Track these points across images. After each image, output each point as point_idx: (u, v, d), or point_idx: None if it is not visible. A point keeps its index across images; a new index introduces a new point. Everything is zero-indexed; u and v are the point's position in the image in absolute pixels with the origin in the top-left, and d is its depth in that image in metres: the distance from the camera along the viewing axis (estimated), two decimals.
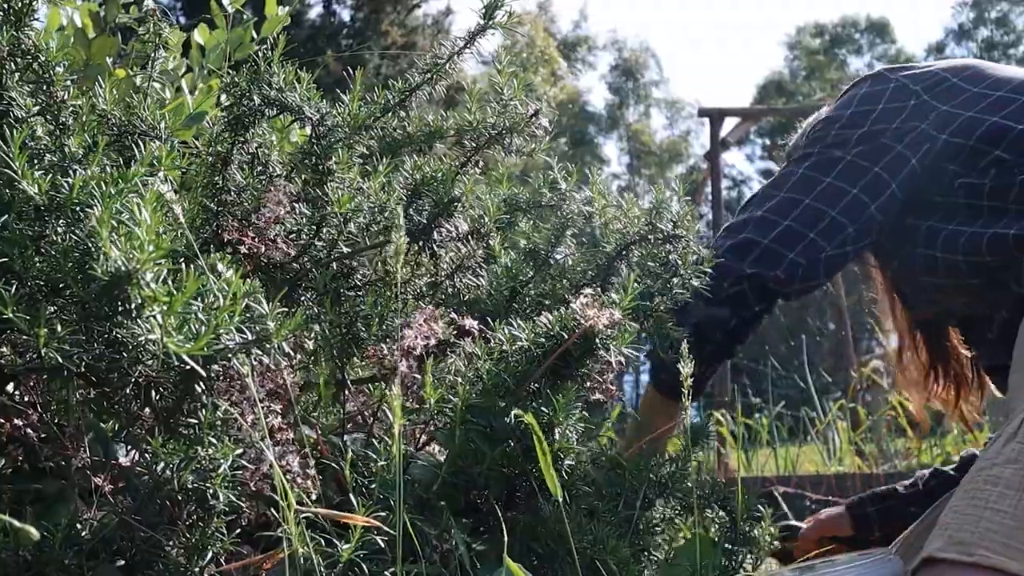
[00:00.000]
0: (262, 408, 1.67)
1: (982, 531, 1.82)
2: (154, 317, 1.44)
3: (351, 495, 1.73)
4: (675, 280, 2.19)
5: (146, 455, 1.71)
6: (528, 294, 2.27)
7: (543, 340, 1.91)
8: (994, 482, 1.88)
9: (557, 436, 1.86)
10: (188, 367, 1.56)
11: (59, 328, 1.59)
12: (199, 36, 2.90)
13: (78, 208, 1.60)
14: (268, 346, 1.64)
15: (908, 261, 2.51)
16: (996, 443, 1.96)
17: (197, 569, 1.62)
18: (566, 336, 1.89)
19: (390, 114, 2.28)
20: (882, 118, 2.55)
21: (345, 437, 2.10)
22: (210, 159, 2.14)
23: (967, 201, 2.38)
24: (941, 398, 2.98)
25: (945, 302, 2.52)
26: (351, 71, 2.22)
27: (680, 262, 2.21)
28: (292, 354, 1.87)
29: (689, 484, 2.12)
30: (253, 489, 1.68)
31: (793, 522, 3.09)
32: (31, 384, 1.86)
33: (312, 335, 2.09)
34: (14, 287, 1.56)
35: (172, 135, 2.06)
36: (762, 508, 2.34)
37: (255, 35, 2.95)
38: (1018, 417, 1.96)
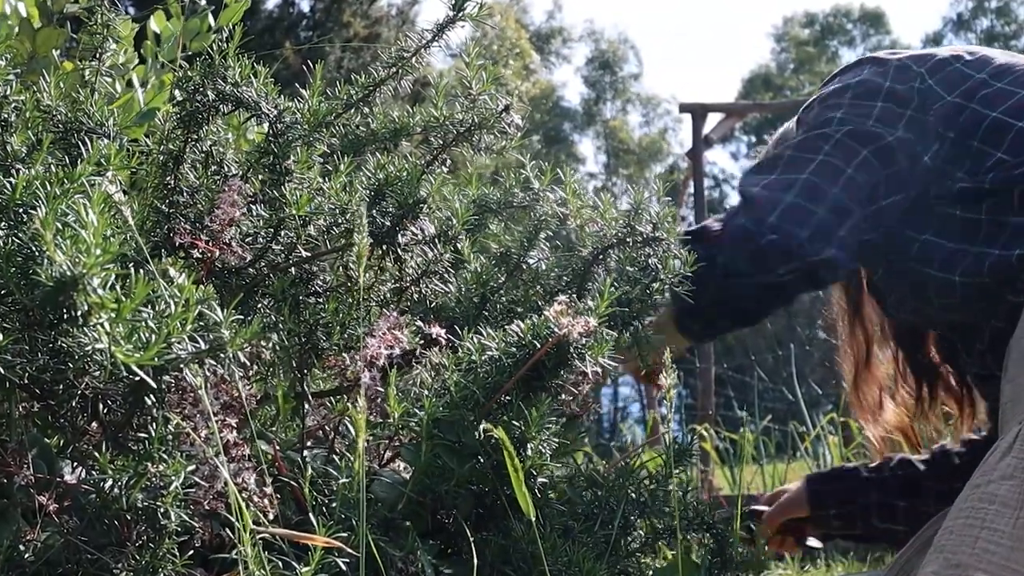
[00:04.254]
0: (216, 422, 1.67)
1: (979, 552, 1.83)
2: (101, 325, 1.44)
3: (311, 514, 1.74)
4: (655, 285, 2.19)
5: (93, 472, 1.71)
6: (499, 301, 2.27)
7: (514, 350, 1.91)
8: (990, 500, 1.88)
9: (530, 451, 1.87)
10: (137, 378, 1.57)
11: (0, 337, 1.59)
12: (155, 25, 2.90)
13: (21, 210, 1.60)
14: (223, 356, 1.64)
15: (896, 268, 2.51)
16: (991, 458, 1.97)
17: None
18: (539, 345, 1.89)
19: (353, 110, 2.29)
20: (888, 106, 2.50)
21: (304, 453, 2.10)
22: (161, 158, 2.14)
23: (966, 215, 2.35)
24: (895, 426, 3.00)
25: (929, 314, 2.52)
26: (311, 64, 2.22)
27: (660, 266, 2.22)
28: (248, 364, 1.88)
29: (671, 503, 2.13)
30: (207, 508, 1.68)
31: (756, 506, 3.10)
32: None
33: (269, 344, 2.09)
34: None
35: (121, 132, 2.06)
36: (751, 528, 2.34)
37: (212, 24, 2.95)
38: (1013, 431, 1.97)
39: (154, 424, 1.64)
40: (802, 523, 3.02)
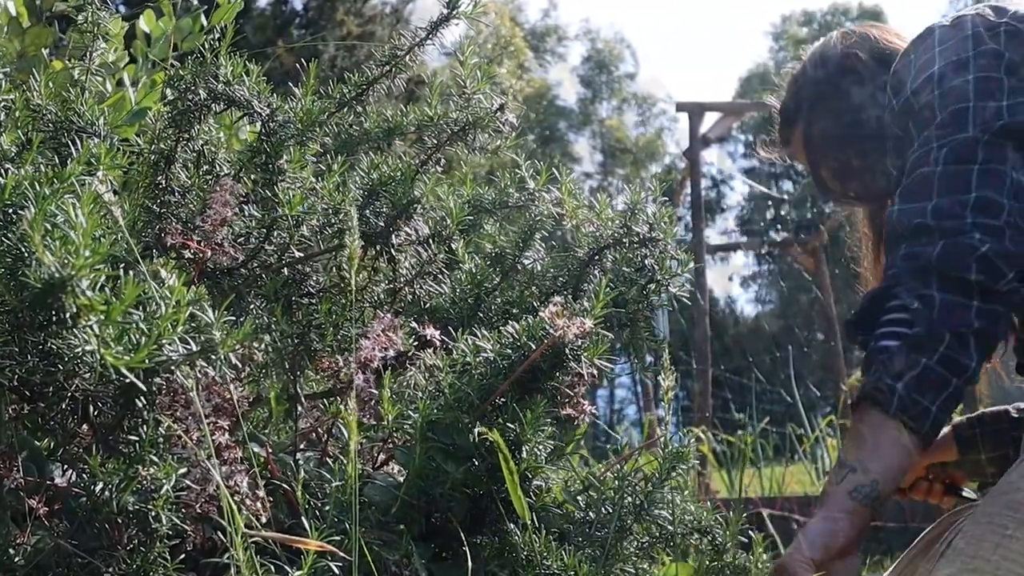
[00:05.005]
0: (208, 424, 1.67)
1: (998, 560, 1.83)
2: (91, 327, 1.44)
3: (303, 518, 1.73)
4: (651, 286, 2.19)
5: (83, 475, 1.71)
6: (494, 302, 2.27)
7: (509, 351, 1.91)
8: (1014, 508, 1.88)
9: (525, 454, 1.87)
10: (128, 380, 1.56)
11: None
12: (145, 24, 2.90)
13: (10, 210, 1.60)
14: (214, 357, 1.64)
15: None
16: (1021, 467, 1.96)
17: None
18: (534, 347, 1.89)
19: (346, 109, 2.29)
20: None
21: (297, 456, 2.10)
22: (152, 157, 2.14)
23: None
24: None
25: None
26: (304, 63, 2.22)
27: (657, 267, 2.22)
28: (240, 366, 1.87)
29: (667, 507, 2.13)
30: (198, 511, 1.68)
31: None
32: None
33: (262, 346, 2.09)
34: None
35: (112, 132, 2.06)
36: (751, 534, 2.33)
37: (204, 23, 2.95)
38: None
39: (145, 426, 1.64)
40: (952, 470, 2.90)
